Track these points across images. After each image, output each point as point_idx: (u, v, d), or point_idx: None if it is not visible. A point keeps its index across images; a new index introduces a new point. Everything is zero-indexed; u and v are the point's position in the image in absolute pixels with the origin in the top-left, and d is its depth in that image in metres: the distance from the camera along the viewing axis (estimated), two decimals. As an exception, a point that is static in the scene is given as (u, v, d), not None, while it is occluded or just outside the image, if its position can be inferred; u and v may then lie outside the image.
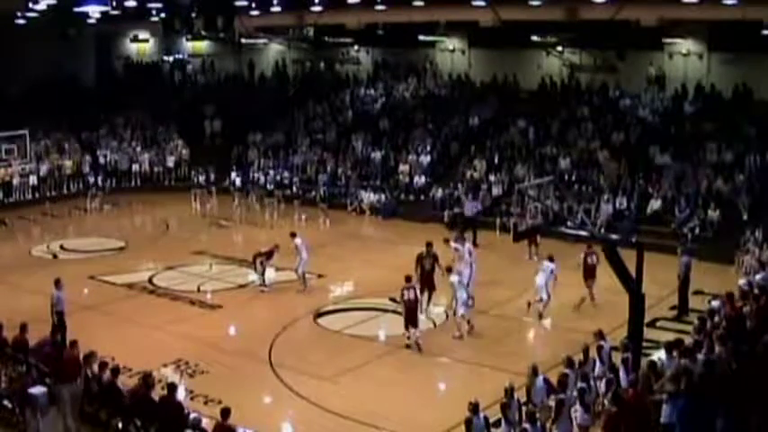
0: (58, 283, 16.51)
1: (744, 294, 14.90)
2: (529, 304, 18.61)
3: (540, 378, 12.48)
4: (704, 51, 30.63)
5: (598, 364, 13.40)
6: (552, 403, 11.79)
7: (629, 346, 13.54)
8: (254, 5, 33.51)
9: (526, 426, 10.96)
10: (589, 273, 18.90)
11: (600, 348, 13.61)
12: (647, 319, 15.31)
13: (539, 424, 11.07)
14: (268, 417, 14.14)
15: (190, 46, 44.05)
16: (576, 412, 12.04)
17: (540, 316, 18.39)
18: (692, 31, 29.93)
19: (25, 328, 14.24)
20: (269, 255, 20.51)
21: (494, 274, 19.96)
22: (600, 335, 13.90)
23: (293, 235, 20.96)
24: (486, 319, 18.55)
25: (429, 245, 18.59)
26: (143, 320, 18.44)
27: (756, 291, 15.07)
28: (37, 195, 31.85)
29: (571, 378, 12.28)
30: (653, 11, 26.91)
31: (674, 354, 12.28)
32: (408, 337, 16.89)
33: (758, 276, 17.02)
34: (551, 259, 18.50)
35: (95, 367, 12.96)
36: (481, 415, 11.30)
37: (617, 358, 13.53)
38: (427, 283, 18.26)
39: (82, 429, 12.68)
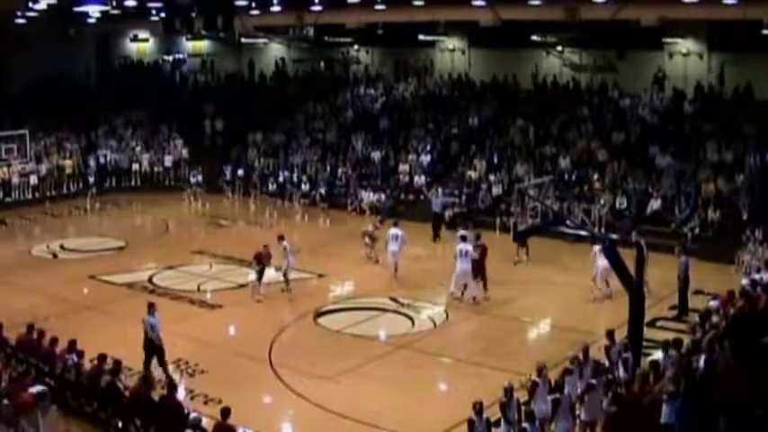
0: (151, 307, 15.23)
1: (745, 294, 14.88)
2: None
3: (545, 377, 12.42)
4: (704, 51, 30.63)
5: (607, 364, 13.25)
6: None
7: (629, 346, 13.52)
8: (253, 5, 33.49)
9: (525, 425, 10.96)
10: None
11: (608, 349, 13.47)
12: (647, 319, 15.33)
13: (537, 423, 11.07)
14: (268, 417, 14.13)
15: (190, 46, 43.95)
16: (578, 410, 12.02)
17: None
18: (692, 30, 29.94)
19: (32, 329, 14.29)
20: (267, 256, 20.41)
21: (494, 274, 19.91)
22: (609, 335, 13.77)
23: (281, 238, 20.62)
24: (485, 319, 18.60)
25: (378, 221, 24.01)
26: (143, 320, 18.42)
27: (759, 290, 15.05)
28: (37, 195, 31.80)
29: (572, 378, 12.25)
30: (653, 11, 26.91)
31: (675, 354, 12.27)
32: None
33: (758, 276, 16.98)
34: (396, 224, 21.64)
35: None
36: (484, 416, 11.29)
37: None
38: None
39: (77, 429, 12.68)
